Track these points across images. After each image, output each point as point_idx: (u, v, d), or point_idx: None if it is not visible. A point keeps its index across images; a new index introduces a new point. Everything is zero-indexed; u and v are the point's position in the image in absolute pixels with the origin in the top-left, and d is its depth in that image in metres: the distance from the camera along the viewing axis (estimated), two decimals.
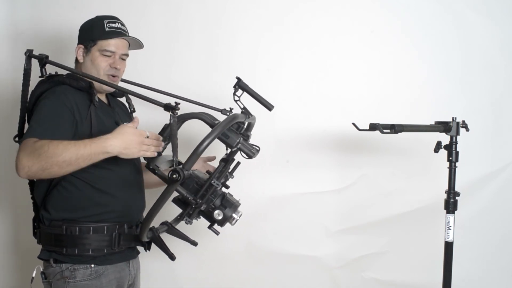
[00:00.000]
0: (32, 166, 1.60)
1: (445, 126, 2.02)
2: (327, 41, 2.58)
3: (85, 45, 1.94)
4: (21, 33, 2.66)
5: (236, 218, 1.84)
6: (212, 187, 1.78)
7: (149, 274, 2.62)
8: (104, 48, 1.92)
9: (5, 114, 2.58)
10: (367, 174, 2.59)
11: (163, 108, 1.70)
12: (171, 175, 1.57)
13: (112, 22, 1.96)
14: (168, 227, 1.90)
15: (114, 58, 1.94)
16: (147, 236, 1.81)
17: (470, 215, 2.50)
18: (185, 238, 1.90)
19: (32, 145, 1.62)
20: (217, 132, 1.63)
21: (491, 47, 2.52)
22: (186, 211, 1.80)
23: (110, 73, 1.94)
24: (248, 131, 2.01)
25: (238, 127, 1.89)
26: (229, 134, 1.82)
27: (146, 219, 1.68)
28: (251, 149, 1.90)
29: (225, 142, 1.83)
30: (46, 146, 1.60)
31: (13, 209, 2.75)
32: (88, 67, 1.93)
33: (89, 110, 1.82)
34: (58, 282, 1.82)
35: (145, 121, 2.25)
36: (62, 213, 1.81)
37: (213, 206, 1.81)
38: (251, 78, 2.58)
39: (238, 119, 1.82)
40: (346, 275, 2.63)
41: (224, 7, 2.61)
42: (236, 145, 1.83)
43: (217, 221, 1.83)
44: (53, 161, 1.60)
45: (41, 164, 1.60)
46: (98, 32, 1.93)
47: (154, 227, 1.85)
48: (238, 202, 1.88)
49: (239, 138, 1.84)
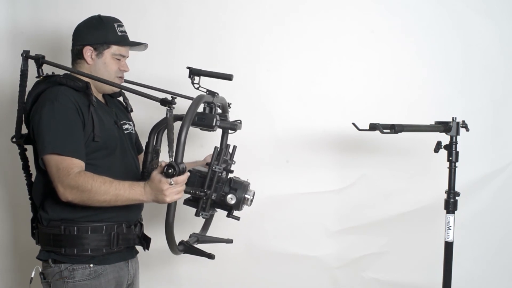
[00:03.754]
0: (74, 199, 1.71)
1: (445, 126, 2.02)
2: (327, 41, 2.58)
3: (95, 47, 1.91)
4: (21, 33, 2.66)
5: (249, 198, 1.83)
6: (215, 174, 1.77)
7: (149, 274, 2.62)
8: (118, 53, 1.94)
9: (5, 115, 2.58)
10: (367, 174, 2.59)
11: (159, 103, 1.70)
12: (166, 170, 1.58)
13: (120, 25, 1.97)
14: (197, 238, 1.95)
15: (123, 61, 1.97)
16: (179, 249, 1.81)
17: (470, 215, 2.50)
18: (219, 240, 2.01)
19: (75, 178, 1.68)
20: (190, 116, 1.63)
21: (491, 47, 2.52)
22: (199, 206, 1.80)
23: (119, 76, 1.96)
24: (225, 112, 2.03)
25: (211, 109, 1.88)
26: (204, 117, 1.80)
27: (167, 231, 1.69)
28: (232, 123, 1.90)
29: (203, 125, 1.81)
30: (89, 185, 1.68)
31: (12, 210, 2.75)
32: (99, 69, 1.92)
33: (89, 111, 1.82)
34: (57, 282, 1.82)
35: (142, 119, 2.27)
36: (61, 213, 1.81)
37: (224, 193, 1.80)
38: (251, 78, 2.60)
39: (205, 98, 1.81)
40: (346, 275, 2.63)
41: (225, 7, 2.61)
42: (215, 123, 1.81)
43: (232, 206, 1.82)
44: (94, 199, 1.70)
45: (82, 199, 1.70)
46: (113, 36, 1.92)
47: (183, 240, 1.87)
48: (247, 181, 1.87)
49: (215, 117, 1.82)
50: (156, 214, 2.24)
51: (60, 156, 1.71)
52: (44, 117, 1.76)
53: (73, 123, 1.77)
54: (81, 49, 1.92)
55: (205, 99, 1.81)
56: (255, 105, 2.58)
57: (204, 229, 2.13)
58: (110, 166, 1.86)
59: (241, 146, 2.12)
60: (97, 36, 1.92)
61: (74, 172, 1.69)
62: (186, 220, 2.14)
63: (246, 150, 2.43)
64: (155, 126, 1.95)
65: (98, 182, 1.69)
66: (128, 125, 2.05)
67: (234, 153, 1.99)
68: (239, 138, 2.33)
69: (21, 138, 1.92)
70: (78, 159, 1.73)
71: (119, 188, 1.69)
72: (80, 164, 1.74)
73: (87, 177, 1.69)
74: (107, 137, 1.86)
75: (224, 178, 1.83)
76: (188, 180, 1.73)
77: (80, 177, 1.69)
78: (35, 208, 1.93)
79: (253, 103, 2.57)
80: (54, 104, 1.76)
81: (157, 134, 1.96)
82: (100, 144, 1.83)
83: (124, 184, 1.70)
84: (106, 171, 1.82)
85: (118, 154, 1.91)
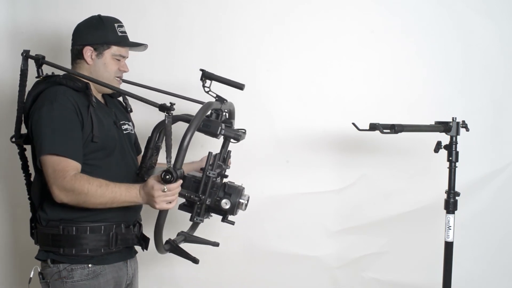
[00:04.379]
0: (69, 202, 1.72)
1: (445, 126, 2.02)
2: (327, 41, 2.58)
3: (95, 48, 1.91)
4: (21, 33, 2.66)
5: (244, 202, 1.83)
6: (210, 179, 1.77)
7: (149, 274, 2.62)
8: (118, 53, 1.93)
9: (5, 114, 2.58)
10: (367, 174, 2.59)
11: (158, 108, 1.71)
12: (164, 176, 1.58)
13: (120, 25, 1.96)
14: (185, 237, 1.94)
15: (122, 61, 1.96)
16: (165, 249, 1.81)
17: (470, 215, 2.50)
18: (206, 242, 1.99)
19: (71, 181, 1.68)
20: (196, 123, 1.63)
21: (491, 47, 2.52)
22: (194, 211, 1.80)
23: (118, 76, 1.96)
24: (231, 119, 2.01)
25: (218, 116, 1.88)
26: (209, 124, 1.80)
27: (155, 232, 1.70)
28: (236, 133, 1.90)
29: (208, 132, 1.80)
30: (85, 188, 1.68)
31: (11, 210, 2.75)
32: (99, 69, 1.92)
33: (88, 111, 1.82)
34: (56, 282, 1.82)
35: (142, 120, 2.27)
36: (59, 213, 1.81)
37: (218, 198, 1.80)
38: (251, 78, 2.59)
39: (213, 106, 1.82)
40: (346, 275, 2.63)
41: (224, 7, 2.61)
42: (220, 132, 1.81)
43: (227, 211, 1.82)
44: (90, 202, 1.71)
45: (78, 202, 1.71)
46: (113, 37, 1.92)
47: (170, 239, 1.87)
48: (241, 186, 1.87)
49: (220, 125, 1.82)
50: (155, 214, 2.23)
51: (57, 157, 1.71)
52: (42, 117, 1.76)
53: (72, 123, 1.77)
54: (81, 49, 1.91)
55: (213, 106, 1.81)
56: (255, 105, 2.58)
57: (193, 228, 2.11)
58: (109, 166, 1.86)
59: (241, 146, 2.12)
60: (97, 36, 1.91)
61: (70, 174, 1.69)
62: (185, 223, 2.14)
63: (246, 150, 2.44)
64: (159, 124, 1.95)
65: (95, 186, 1.69)
66: (127, 126, 2.05)
67: (228, 158, 1.99)
68: None
69: (20, 138, 1.92)
70: (74, 161, 1.73)
71: (115, 191, 1.70)
72: (76, 166, 1.74)
73: (83, 180, 1.69)
74: (106, 138, 1.86)
75: (219, 183, 1.83)
76: (182, 185, 1.73)
77: (76, 180, 1.69)
78: (34, 208, 1.93)
79: (253, 103, 2.57)
80: (53, 104, 1.76)
81: (159, 132, 1.96)
82: (99, 144, 1.83)
83: (121, 187, 1.71)
84: (106, 171, 1.82)
85: (117, 155, 1.91)
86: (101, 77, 1.90)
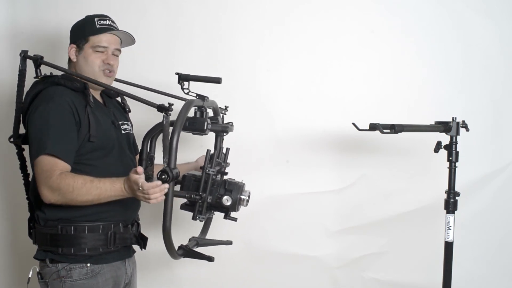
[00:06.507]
0: (56, 201, 1.73)
1: (445, 126, 2.02)
2: (327, 41, 2.58)
3: (77, 44, 1.93)
4: (21, 33, 2.66)
5: (245, 198, 1.84)
6: (210, 177, 1.78)
7: (149, 275, 2.62)
8: (96, 44, 1.92)
9: (3, 114, 2.57)
10: (367, 174, 2.58)
11: (156, 109, 1.71)
12: (160, 176, 1.60)
13: (103, 19, 1.96)
14: (197, 242, 1.96)
15: (107, 54, 1.94)
16: (178, 254, 1.82)
17: (470, 215, 2.50)
18: (218, 243, 2.03)
19: (56, 180, 1.69)
20: (180, 121, 1.65)
21: (491, 47, 2.52)
22: (196, 210, 1.80)
23: (104, 68, 1.93)
24: (216, 115, 2.03)
25: (202, 113, 1.89)
26: (195, 122, 1.81)
27: (164, 237, 1.70)
28: (223, 126, 1.91)
29: (195, 129, 1.82)
30: (70, 187, 1.69)
31: (10, 209, 2.74)
32: (81, 65, 1.92)
33: (86, 111, 1.82)
34: (55, 282, 1.82)
35: (140, 120, 2.26)
36: (58, 213, 1.81)
37: (219, 195, 1.81)
38: (251, 78, 2.60)
39: (194, 103, 1.83)
40: (346, 275, 2.63)
41: (224, 7, 2.61)
42: (206, 127, 1.82)
43: (229, 208, 1.83)
44: (77, 201, 1.72)
45: (65, 201, 1.72)
46: (89, 29, 1.93)
47: (182, 245, 1.88)
48: (241, 182, 1.88)
49: (206, 121, 1.83)
50: (153, 213, 2.24)
51: (47, 157, 1.72)
52: (38, 118, 1.77)
53: (67, 124, 1.77)
54: (69, 49, 1.95)
55: (194, 103, 1.82)
56: (255, 105, 2.58)
57: (203, 232, 2.14)
58: (107, 166, 1.87)
59: (241, 146, 2.12)
60: (78, 33, 1.95)
61: (56, 174, 1.70)
62: (185, 224, 2.14)
63: (246, 150, 2.44)
64: (148, 132, 1.94)
65: (79, 184, 1.69)
66: (126, 126, 2.05)
67: (227, 155, 2.00)
68: (239, 139, 2.34)
69: (18, 138, 1.93)
70: (63, 161, 1.74)
71: (100, 187, 1.70)
72: (65, 167, 1.74)
73: (68, 178, 1.70)
74: (103, 138, 1.86)
75: (219, 180, 1.84)
76: (183, 185, 1.74)
77: (62, 179, 1.69)
78: (32, 208, 1.93)
79: (253, 103, 2.57)
80: (49, 104, 1.77)
81: (150, 140, 1.95)
82: (97, 144, 1.83)
83: (105, 182, 1.71)
84: (104, 171, 1.83)
85: (115, 154, 1.91)
86: (85, 72, 1.90)
